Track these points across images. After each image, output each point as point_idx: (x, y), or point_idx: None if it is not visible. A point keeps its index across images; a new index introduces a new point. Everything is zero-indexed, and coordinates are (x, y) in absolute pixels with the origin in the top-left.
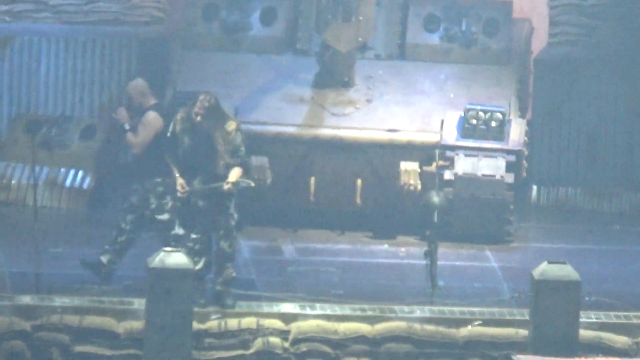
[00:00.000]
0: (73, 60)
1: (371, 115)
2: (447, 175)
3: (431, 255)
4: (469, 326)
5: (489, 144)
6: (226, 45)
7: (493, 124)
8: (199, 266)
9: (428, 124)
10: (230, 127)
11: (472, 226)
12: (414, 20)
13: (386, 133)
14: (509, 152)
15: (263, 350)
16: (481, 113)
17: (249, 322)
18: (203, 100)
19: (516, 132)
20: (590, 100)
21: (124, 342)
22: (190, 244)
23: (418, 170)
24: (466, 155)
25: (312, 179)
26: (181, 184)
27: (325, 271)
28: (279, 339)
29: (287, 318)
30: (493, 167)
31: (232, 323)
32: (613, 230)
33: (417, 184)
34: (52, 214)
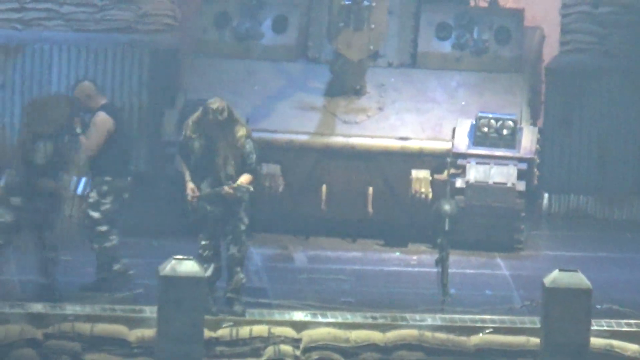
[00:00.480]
0: (85, 68)
1: (383, 123)
2: (459, 183)
3: (442, 263)
4: (480, 334)
5: (501, 152)
6: (238, 53)
7: (504, 132)
8: (209, 272)
9: (439, 132)
10: (239, 134)
11: (484, 234)
12: (426, 28)
13: (398, 141)
14: (521, 160)
15: (274, 358)
16: (492, 121)
17: (260, 330)
18: (213, 105)
19: (528, 140)
20: (601, 108)
21: (136, 350)
22: (199, 251)
23: (429, 178)
24: (477, 163)
25: (324, 187)
26: (191, 188)
27: (336, 279)
28: (290, 347)
29: (299, 326)
30: (504, 175)
31: (244, 331)
32: (624, 237)
33: (429, 192)
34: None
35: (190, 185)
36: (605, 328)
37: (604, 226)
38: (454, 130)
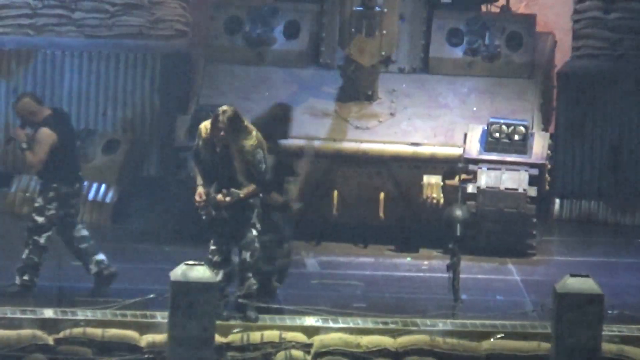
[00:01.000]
0: (96, 74)
1: (394, 128)
2: (470, 188)
3: (454, 268)
4: (492, 339)
5: (512, 158)
6: (250, 58)
7: (516, 138)
8: (218, 277)
9: (451, 138)
10: (249, 142)
11: (495, 239)
12: (438, 33)
13: (409, 146)
14: (532, 166)
15: None
16: (504, 126)
17: (272, 336)
18: (223, 114)
19: (539, 146)
20: (613, 113)
21: (147, 356)
22: (209, 255)
23: (441, 183)
24: (489, 168)
25: (335, 192)
26: (199, 193)
27: (348, 284)
28: (302, 352)
29: (310, 331)
30: (516, 181)
31: (255, 336)
32: (636, 243)
33: (440, 198)
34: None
35: (199, 189)
36: (616, 333)
37: (616, 232)
38: (466, 135)
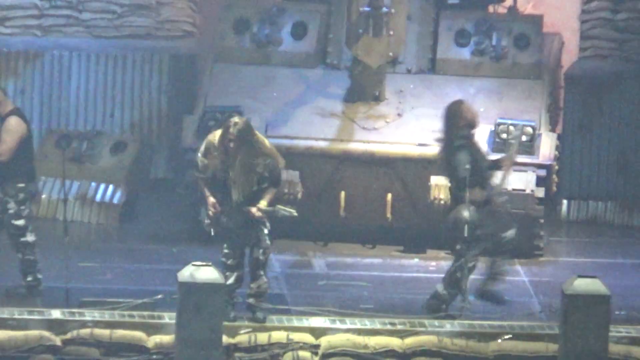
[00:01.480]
0: (104, 75)
1: (402, 129)
2: None
3: (461, 269)
4: (499, 340)
5: (520, 158)
6: (257, 59)
7: (523, 138)
8: (231, 281)
9: None
10: (259, 152)
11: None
12: (445, 34)
13: (416, 147)
14: (540, 167)
15: None
16: (511, 127)
17: (279, 336)
18: (234, 125)
19: (546, 146)
20: (621, 114)
21: (154, 356)
22: (222, 258)
23: (448, 184)
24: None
25: (343, 193)
26: (212, 204)
27: (355, 285)
28: (309, 353)
29: (317, 332)
30: (523, 182)
31: (262, 337)
32: None
33: (447, 199)
34: (83, 229)
35: (211, 200)
36: (624, 334)
37: (623, 232)
38: None
